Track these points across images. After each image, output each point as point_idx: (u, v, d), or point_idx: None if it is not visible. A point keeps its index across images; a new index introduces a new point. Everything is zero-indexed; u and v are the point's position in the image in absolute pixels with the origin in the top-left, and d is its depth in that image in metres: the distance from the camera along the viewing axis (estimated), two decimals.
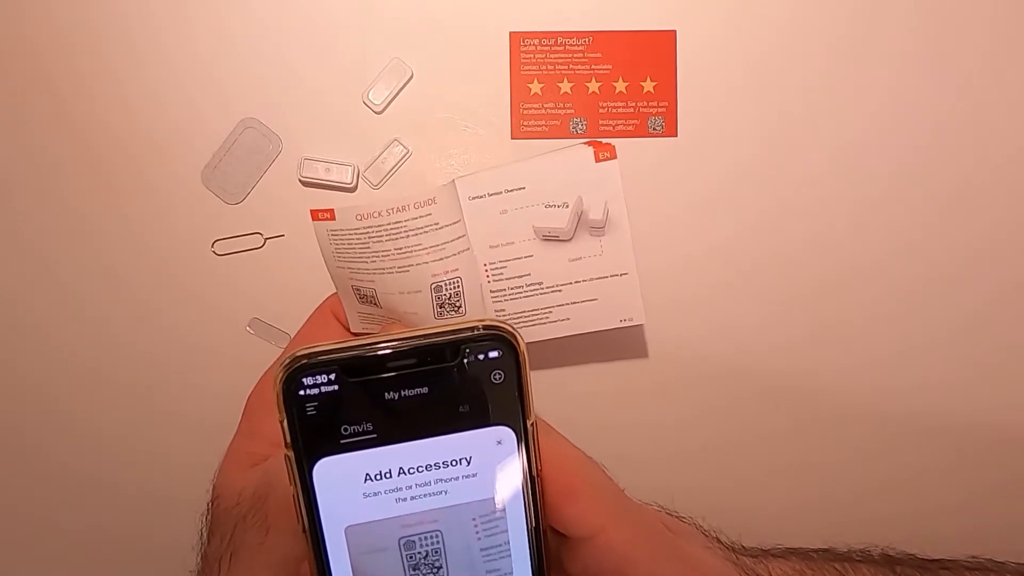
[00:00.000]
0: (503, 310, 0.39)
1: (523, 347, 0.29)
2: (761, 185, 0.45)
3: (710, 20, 0.44)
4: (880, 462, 0.45)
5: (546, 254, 0.38)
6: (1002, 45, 0.44)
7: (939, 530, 0.44)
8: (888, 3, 0.44)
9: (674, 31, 0.44)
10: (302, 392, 0.28)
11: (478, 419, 0.29)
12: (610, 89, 0.44)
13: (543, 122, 0.44)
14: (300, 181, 0.43)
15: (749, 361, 0.45)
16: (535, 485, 0.29)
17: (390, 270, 0.38)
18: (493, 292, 0.39)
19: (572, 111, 0.44)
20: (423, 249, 0.38)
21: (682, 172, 0.45)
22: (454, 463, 0.29)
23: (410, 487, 0.29)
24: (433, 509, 0.29)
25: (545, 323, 0.40)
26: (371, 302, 0.39)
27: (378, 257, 0.38)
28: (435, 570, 0.30)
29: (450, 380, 0.28)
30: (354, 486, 0.28)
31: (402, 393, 0.28)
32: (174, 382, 0.44)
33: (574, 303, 0.39)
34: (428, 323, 0.37)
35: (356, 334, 0.37)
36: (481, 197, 0.38)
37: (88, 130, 0.44)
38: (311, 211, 0.38)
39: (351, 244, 0.38)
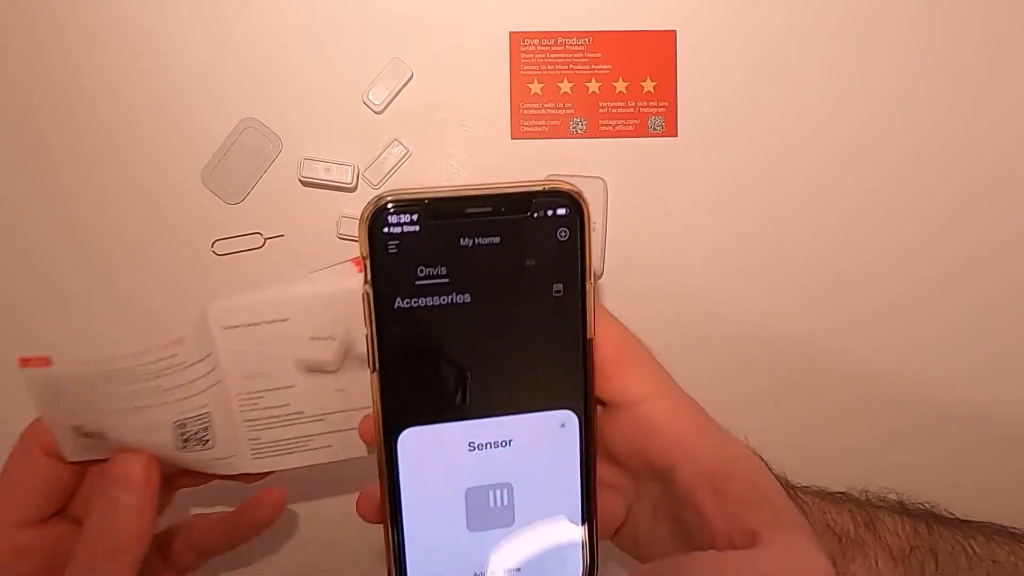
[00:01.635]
0: (258, 438, 0.36)
1: (588, 208, 0.30)
2: (761, 184, 0.45)
3: (710, 20, 0.44)
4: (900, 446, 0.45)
5: (309, 384, 0.35)
6: (997, 43, 0.45)
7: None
8: (886, 3, 0.44)
9: (674, 31, 0.44)
10: (386, 230, 0.29)
11: (542, 275, 0.30)
12: (610, 89, 0.44)
13: (543, 122, 0.44)
14: (300, 181, 0.43)
15: (748, 360, 0.45)
16: (587, 348, 0.31)
17: (124, 410, 0.34)
18: (247, 421, 0.35)
19: (572, 111, 0.44)
20: (165, 391, 0.34)
21: (682, 172, 0.45)
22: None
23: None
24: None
25: (304, 451, 0.36)
26: (96, 437, 0.35)
27: (109, 399, 0.34)
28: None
29: (520, 232, 0.30)
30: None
31: (476, 240, 0.30)
32: None
33: (338, 431, 0.36)
34: (168, 460, 0.35)
35: (74, 462, 0.35)
36: (236, 327, 0.34)
37: (88, 130, 0.44)
38: (19, 359, 0.33)
39: (74, 389, 0.34)
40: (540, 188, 0.30)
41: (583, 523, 0.31)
